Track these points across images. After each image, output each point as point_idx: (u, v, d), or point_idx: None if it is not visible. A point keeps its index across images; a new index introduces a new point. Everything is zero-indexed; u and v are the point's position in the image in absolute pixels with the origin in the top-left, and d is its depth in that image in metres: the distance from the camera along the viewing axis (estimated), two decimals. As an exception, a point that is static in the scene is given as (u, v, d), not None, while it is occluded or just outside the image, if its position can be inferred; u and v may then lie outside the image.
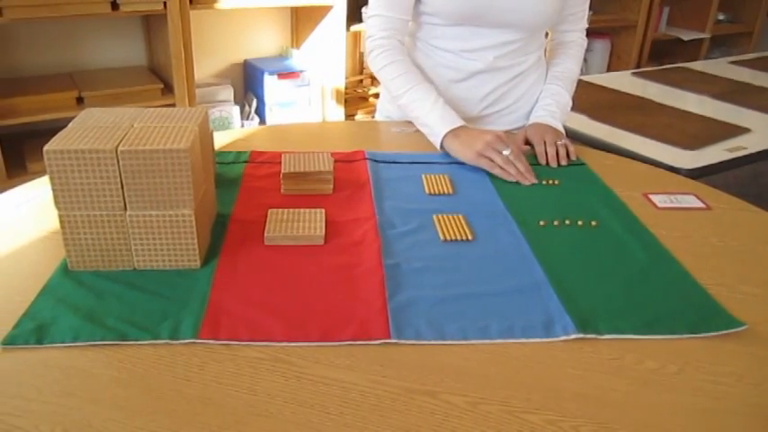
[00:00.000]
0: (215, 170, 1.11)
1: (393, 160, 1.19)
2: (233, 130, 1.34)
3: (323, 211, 0.96)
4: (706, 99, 2.20)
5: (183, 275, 0.82)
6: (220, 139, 1.27)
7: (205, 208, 0.88)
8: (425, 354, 0.70)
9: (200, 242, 0.85)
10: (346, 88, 2.91)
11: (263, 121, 2.89)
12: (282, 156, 1.10)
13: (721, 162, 1.63)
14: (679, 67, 2.65)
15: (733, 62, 2.79)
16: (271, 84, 2.81)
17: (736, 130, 1.84)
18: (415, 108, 1.22)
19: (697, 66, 2.71)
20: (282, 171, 1.04)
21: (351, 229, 0.94)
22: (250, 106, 2.85)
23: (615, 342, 0.72)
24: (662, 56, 3.72)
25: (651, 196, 1.08)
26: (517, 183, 1.10)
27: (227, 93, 2.81)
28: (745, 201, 1.09)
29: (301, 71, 2.86)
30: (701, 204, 1.06)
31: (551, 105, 1.32)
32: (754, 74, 2.57)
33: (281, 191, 1.05)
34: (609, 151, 1.73)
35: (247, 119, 2.85)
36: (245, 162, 1.17)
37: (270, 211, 0.96)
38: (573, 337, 0.72)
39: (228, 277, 0.82)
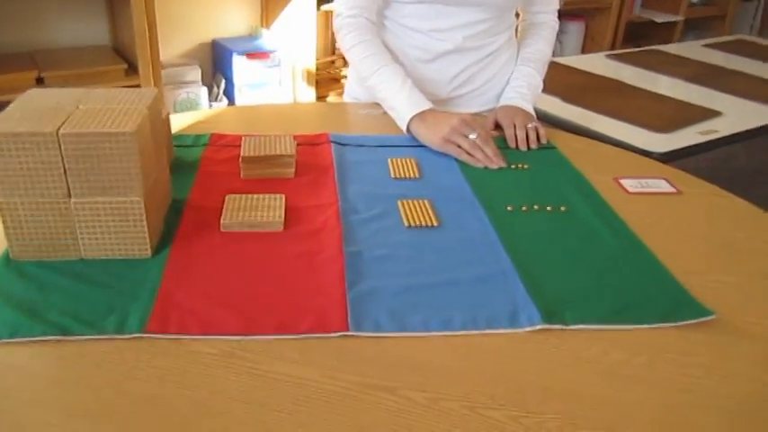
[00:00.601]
0: (172, 154, 1.06)
1: (358, 143, 1.15)
2: (193, 112, 1.29)
3: (283, 196, 0.92)
4: (679, 82, 2.19)
5: (132, 265, 0.78)
6: (180, 122, 1.22)
7: (157, 194, 0.84)
8: (385, 347, 0.67)
9: (151, 230, 0.80)
10: (318, 69, 2.85)
11: (232, 103, 2.82)
12: (242, 139, 1.05)
13: (693, 145, 1.61)
14: (653, 50, 2.64)
15: (706, 45, 2.79)
16: (240, 64, 2.74)
17: (709, 114, 1.83)
18: (382, 89, 1.17)
19: (671, 48, 2.70)
20: (242, 155, 1.00)
21: (312, 216, 0.90)
22: (219, 87, 2.78)
23: (582, 332, 0.70)
24: (636, 38, 3.71)
25: (622, 180, 1.05)
26: (486, 167, 1.07)
27: (195, 73, 2.73)
28: (717, 185, 1.07)
29: (271, 51, 2.79)
30: (671, 189, 1.04)
31: (522, 87, 1.29)
32: (727, 57, 2.57)
33: (241, 175, 1.01)
34: (581, 134, 1.71)
35: (216, 100, 2.78)
36: (205, 145, 1.12)
37: (227, 196, 0.92)
38: (538, 327, 0.69)
39: (181, 267, 0.78)
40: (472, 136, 1.08)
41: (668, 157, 1.57)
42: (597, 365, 0.65)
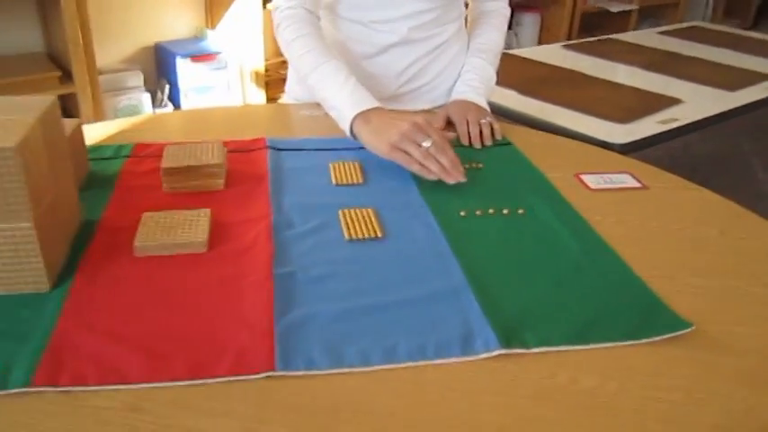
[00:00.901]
0: (85, 168, 0.95)
1: (298, 147, 1.05)
2: (116, 121, 1.17)
3: (208, 211, 0.81)
4: (636, 70, 2.14)
5: (25, 303, 0.67)
6: (100, 131, 1.10)
7: (57, 217, 0.73)
8: (318, 387, 0.57)
9: (50, 260, 0.69)
10: (267, 70, 2.74)
11: (177, 108, 2.69)
12: (165, 148, 0.95)
13: (654, 135, 1.55)
14: (609, 39, 2.59)
15: (662, 32, 2.75)
16: (184, 68, 2.61)
17: (668, 102, 1.77)
18: (322, 88, 1.05)
19: (627, 37, 2.65)
20: (162, 166, 0.89)
21: (241, 233, 0.80)
22: (162, 93, 2.65)
23: (545, 357, 0.61)
24: (592, 28, 3.68)
25: (583, 177, 0.97)
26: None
27: (137, 79, 2.59)
28: (679, 174, 1.00)
29: (217, 53, 2.67)
30: (636, 184, 0.96)
31: (474, 80, 1.21)
32: (682, 44, 2.53)
33: (163, 189, 0.90)
34: (539, 128, 1.63)
35: (160, 106, 2.65)
36: (126, 157, 1.01)
37: (144, 214, 0.81)
38: (495, 353, 0.60)
39: (83, 301, 0.67)
40: (425, 144, 0.92)
41: (629, 148, 1.51)
42: (564, 395, 0.57)
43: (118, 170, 0.96)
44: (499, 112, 1.69)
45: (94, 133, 1.09)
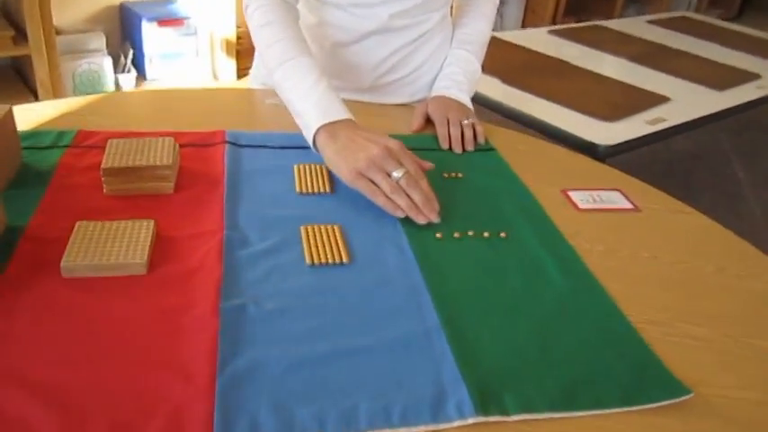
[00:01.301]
0: (17, 159, 0.84)
1: (260, 144, 0.94)
2: (58, 101, 1.05)
3: (152, 223, 0.72)
4: (624, 62, 2.06)
5: (-76, 334, 0.57)
6: (40, 113, 0.99)
7: (-31, 229, 0.63)
8: (263, 461, 0.49)
9: (-43, 282, 0.59)
10: (239, 38, 2.60)
11: (142, 75, 2.54)
12: (108, 142, 0.84)
13: (641, 137, 1.48)
14: (595, 26, 2.51)
15: (650, 21, 2.68)
16: (150, 32, 2.46)
17: (656, 99, 1.71)
18: (287, 88, 0.92)
19: (613, 24, 2.57)
20: (102, 164, 0.79)
21: (188, 250, 0.71)
22: (126, 57, 2.50)
23: (525, 427, 0.53)
24: (578, 11, 3.58)
25: (571, 194, 0.90)
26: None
27: (98, 41, 2.44)
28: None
29: (186, 18, 2.52)
30: (627, 204, 0.89)
31: (457, 74, 1.11)
32: (671, 35, 2.47)
33: (104, 191, 0.80)
34: (523, 123, 1.56)
35: (123, 71, 2.50)
36: (66, 147, 0.90)
37: (78, 224, 0.71)
38: (471, 421, 0.53)
39: (-6, 336, 0.57)
40: (396, 174, 0.78)
41: (615, 150, 1.44)
42: (546, 478, 0.49)
43: (55, 163, 0.85)
44: (482, 102, 1.60)
45: (32, 115, 0.98)
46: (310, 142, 0.86)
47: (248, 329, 0.60)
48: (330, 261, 0.70)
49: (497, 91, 1.66)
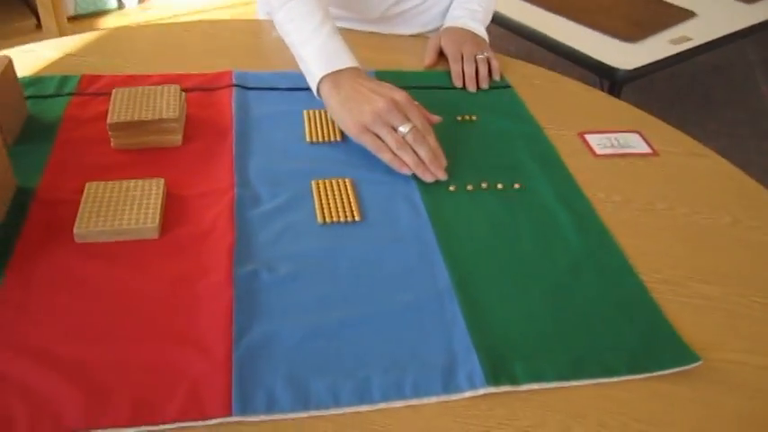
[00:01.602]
0: (23, 112, 0.83)
1: (269, 86, 0.92)
2: (57, 40, 1.02)
3: (162, 182, 0.71)
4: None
5: (-53, 307, 0.58)
6: (38, 57, 0.96)
7: (-20, 198, 0.63)
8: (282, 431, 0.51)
9: (-27, 253, 0.60)
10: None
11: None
12: (113, 93, 0.82)
13: (664, 59, 1.42)
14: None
15: None
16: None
17: (681, 15, 1.62)
18: (290, 31, 0.87)
19: None
20: (108, 119, 0.77)
21: (199, 210, 0.71)
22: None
23: (535, 397, 0.55)
24: None
25: (588, 137, 0.87)
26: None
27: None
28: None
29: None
30: (645, 148, 0.86)
31: (472, 2, 1.06)
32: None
33: (111, 145, 0.79)
34: (540, 44, 1.49)
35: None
36: (71, 95, 0.88)
37: (87, 185, 0.70)
38: (482, 392, 0.54)
39: (14, 309, 0.58)
40: (402, 128, 0.75)
41: (635, 75, 1.39)
42: (553, 449, 0.51)
43: (60, 114, 0.84)
44: (496, 20, 1.53)
45: (33, 59, 0.95)
46: (314, 91, 0.83)
47: (262, 298, 0.61)
48: (342, 219, 0.70)
49: (512, 8, 1.58)
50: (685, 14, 1.62)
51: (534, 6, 1.59)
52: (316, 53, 0.82)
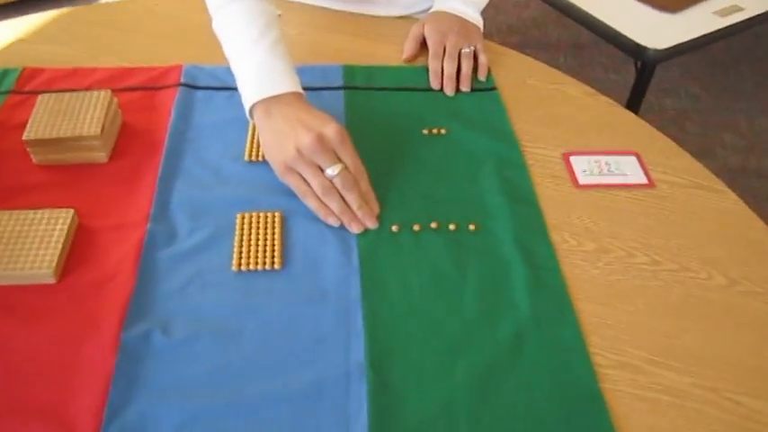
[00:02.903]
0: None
1: (220, 84, 0.83)
2: (6, 23, 0.94)
3: (71, 214, 0.64)
4: None
5: None
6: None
7: None
8: None
9: None
10: None
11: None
12: (38, 99, 0.75)
13: (702, 36, 1.24)
14: None
15: None
16: None
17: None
18: (227, 39, 0.74)
19: None
20: (25, 134, 0.70)
21: (107, 249, 0.64)
22: None
23: None
24: None
25: (574, 160, 0.75)
26: (381, 138, 0.75)
27: None
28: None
29: None
30: (640, 177, 0.73)
31: (466, -20, 0.92)
32: None
33: (33, 160, 0.72)
34: (569, 14, 1.32)
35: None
36: (7, 93, 0.81)
37: (-9, 215, 0.64)
38: None
39: None
40: (330, 171, 0.64)
41: (668, 54, 1.21)
42: None
43: (-9, 116, 0.78)
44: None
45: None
46: (247, 115, 0.71)
47: (147, 368, 0.54)
48: (260, 267, 0.62)
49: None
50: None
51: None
52: (252, 72, 0.70)
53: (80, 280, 0.61)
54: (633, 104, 1.39)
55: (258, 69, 0.69)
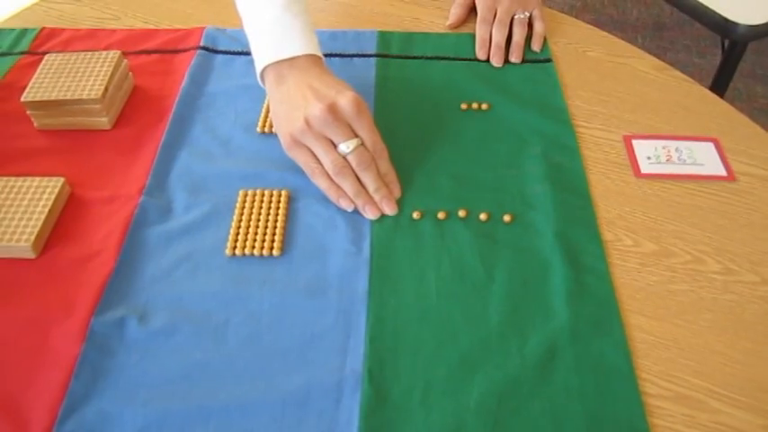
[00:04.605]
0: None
1: (242, 49, 0.75)
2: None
3: (60, 183, 0.59)
4: None
5: None
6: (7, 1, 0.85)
7: None
8: None
9: None
10: None
11: None
12: (44, 59, 0.69)
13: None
14: None
15: None
16: None
17: None
18: (243, 2, 0.64)
19: None
20: (23, 96, 0.65)
21: (95, 222, 0.58)
22: None
23: None
24: None
25: (637, 144, 0.63)
26: (413, 111, 0.66)
27: None
28: None
29: None
30: (718, 168, 0.61)
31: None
32: None
33: (35, 125, 0.67)
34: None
35: None
36: (21, 54, 0.77)
37: (-24, 183, 0.59)
38: None
39: None
40: (344, 147, 0.56)
41: (761, 31, 1.05)
42: None
43: (3, 75, 0.73)
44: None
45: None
46: (258, 79, 0.63)
47: (116, 361, 0.48)
48: (255, 253, 0.54)
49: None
50: None
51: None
52: (264, 31, 0.61)
53: (61, 256, 0.55)
54: (718, 90, 1.24)
55: (271, 28, 0.61)
